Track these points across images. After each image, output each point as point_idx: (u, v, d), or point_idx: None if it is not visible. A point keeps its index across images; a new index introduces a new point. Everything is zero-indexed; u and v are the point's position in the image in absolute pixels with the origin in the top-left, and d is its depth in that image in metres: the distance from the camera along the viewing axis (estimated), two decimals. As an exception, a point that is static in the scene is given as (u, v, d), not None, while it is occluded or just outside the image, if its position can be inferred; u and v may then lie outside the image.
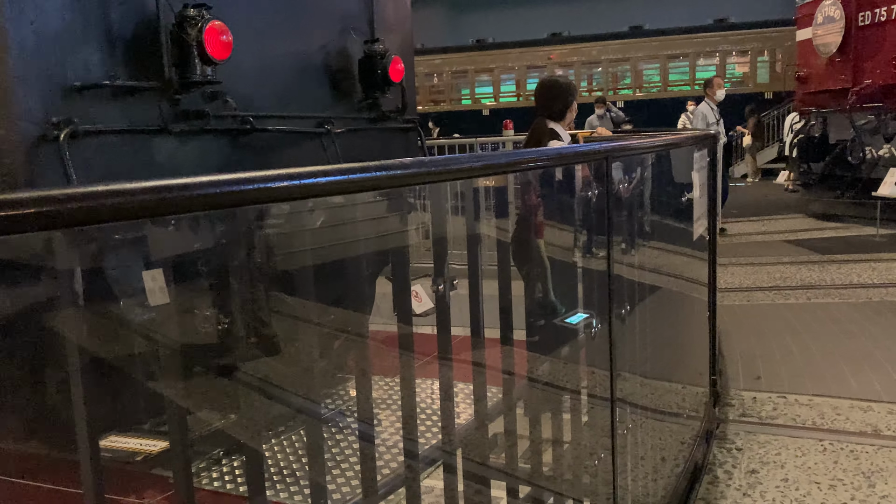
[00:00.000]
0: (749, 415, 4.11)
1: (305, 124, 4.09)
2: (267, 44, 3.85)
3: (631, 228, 2.67)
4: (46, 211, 0.81)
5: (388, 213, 4.32)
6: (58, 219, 0.83)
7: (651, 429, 3.09)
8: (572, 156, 2.07)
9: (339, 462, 3.43)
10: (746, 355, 5.12)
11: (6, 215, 0.80)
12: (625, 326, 2.63)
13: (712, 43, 21.08)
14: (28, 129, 2.73)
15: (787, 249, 9.33)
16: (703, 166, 3.68)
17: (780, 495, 3.18)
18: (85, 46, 2.92)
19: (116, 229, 2.34)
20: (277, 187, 1.08)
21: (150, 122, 3.16)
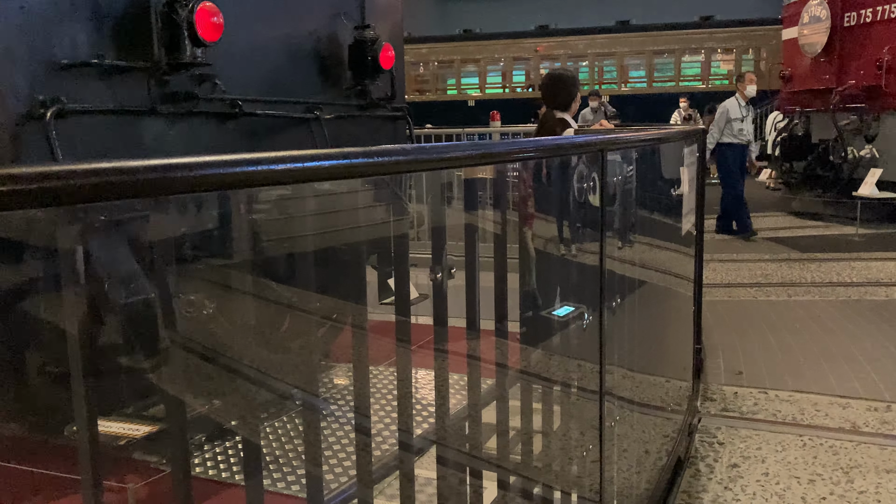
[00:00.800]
0: (731, 409, 4.14)
1: (294, 109, 4.05)
2: (257, 27, 3.80)
3: (623, 223, 2.68)
4: (50, 186, 0.79)
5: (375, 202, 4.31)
6: (61, 195, 0.80)
7: (635, 422, 3.10)
8: (569, 147, 2.06)
9: (326, 450, 3.42)
10: (728, 351, 5.16)
11: (7, 190, 0.78)
12: (613, 319, 2.64)
13: (698, 40, 21.19)
14: (14, 107, 2.68)
15: (768, 247, 9.41)
16: (693, 161, 3.69)
17: (761, 489, 3.22)
18: (73, 24, 2.87)
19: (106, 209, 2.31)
20: (282, 170, 1.06)
21: (138, 103, 3.11)
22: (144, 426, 3.15)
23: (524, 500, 2.35)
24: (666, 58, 21.62)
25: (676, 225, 3.61)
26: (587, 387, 2.58)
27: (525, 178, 2.15)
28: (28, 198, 0.80)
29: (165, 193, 0.93)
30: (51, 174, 0.80)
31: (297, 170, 1.11)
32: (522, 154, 1.76)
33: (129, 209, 2.85)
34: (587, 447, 2.57)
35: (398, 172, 1.47)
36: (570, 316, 2.52)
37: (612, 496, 2.72)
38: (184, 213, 3.15)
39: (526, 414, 2.26)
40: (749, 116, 9.77)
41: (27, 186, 0.78)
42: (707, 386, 4.47)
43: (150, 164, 0.90)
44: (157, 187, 0.91)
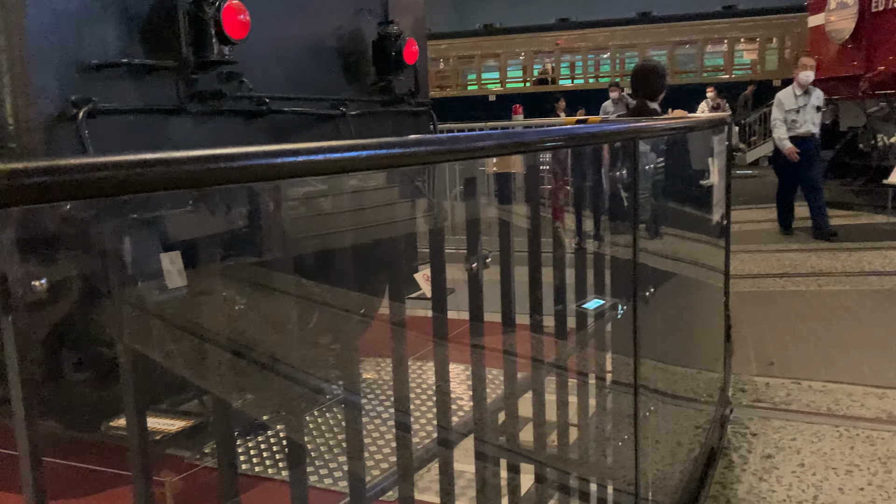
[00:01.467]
0: (763, 400, 4.10)
1: (319, 106, 4.07)
2: (282, 24, 3.82)
3: (653, 213, 2.65)
4: (98, 177, 0.80)
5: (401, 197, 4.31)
6: (108, 186, 0.81)
7: (668, 413, 3.08)
8: (602, 135, 2.04)
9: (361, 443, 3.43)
10: (758, 341, 5.10)
11: (56, 181, 0.79)
12: (645, 311, 2.62)
13: (720, 30, 20.95)
14: (46, 108, 2.71)
15: (796, 237, 9.30)
16: (722, 151, 3.65)
17: (797, 480, 3.18)
18: (102, 25, 2.90)
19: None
20: (322, 160, 1.06)
21: (167, 102, 3.14)
22: (179, 421, 3.18)
23: (559, 491, 2.34)
24: (688, 48, 21.41)
25: (705, 215, 3.58)
26: (620, 379, 2.56)
27: (556, 168, 2.14)
28: (76, 189, 0.81)
29: (209, 184, 0.93)
30: (98, 165, 0.81)
31: (335, 160, 1.12)
32: (555, 142, 1.75)
33: (161, 206, 2.88)
34: (621, 439, 2.56)
35: (433, 162, 1.47)
36: (602, 308, 2.50)
37: (647, 487, 2.71)
38: (215, 210, 3.18)
39: (560, 406, 2.25)
40: (810, 105, 8.83)
41: (76, 177, 0.79)
42: (738, 377, 4.43)
43: (193, 154, 0.91)
44: (200, 178, 0.92)
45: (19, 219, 0.90)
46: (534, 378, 2.11)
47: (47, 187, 0.76)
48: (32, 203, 0.77)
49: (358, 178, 3.31)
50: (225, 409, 1.48)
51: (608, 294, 2.49)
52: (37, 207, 0.78)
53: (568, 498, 2.32)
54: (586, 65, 22.36)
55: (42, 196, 0.76)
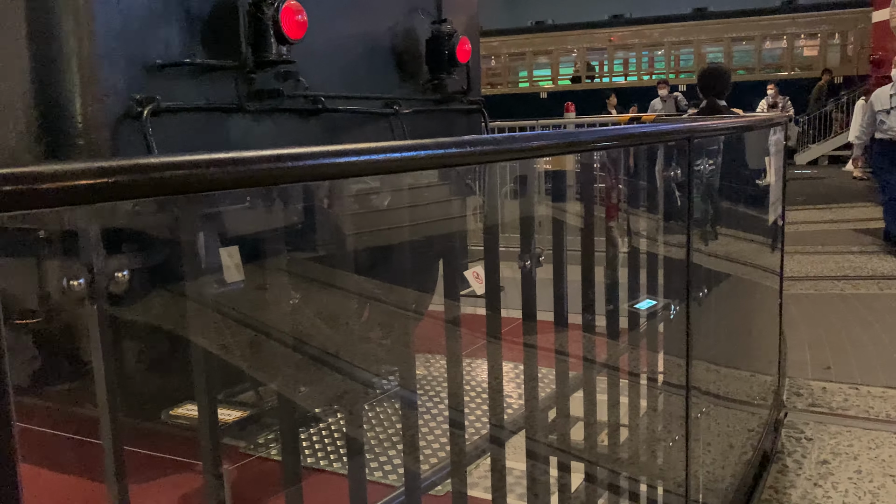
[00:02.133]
0: (819, 405, 4.02)
1: (373, 105, 4.12)
2: (337, 24, 3.88)
3: (706, 213, 2.63)
4: (175, 175, 0.84)
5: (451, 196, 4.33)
6: (186, 184, 0.85)
7: (720, 415, 3.05)
8: (656, 134, 2.04)
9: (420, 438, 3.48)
10: (815, 345, 5.00)
11: (133, 180, 0.83)
12: (698, 312, 2.60)
13: (779, 25, 20.45)
14: (113, 106, 2.81)
15: (855, 238, 9.05)
16: (779, 150, 3.59)
17: (854, 487, 3.12)
18: (166, 26, 2.99)
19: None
20: (383, 160, 1.09)
21: (227, 101, 3.22)
22: (235, 411, 3.27)
23: (608, 490, 2.34)
24: (745, 45, 20.97)
25: (761, 215, 3.52)
26: (672, 379, 2.55)
27: (610, 167, 2.14)
28: (153, 187, 0.85)
29: (277, 183, 0.97)
30: (177, 164, 0.85)
31: (396, 160, 1.15)
32: (609, 142, 1.76)
33: (223, 203, 2.96)
34: (672, 439, 2.54)
35: (489, 161, 1.49)
36: (654, 309, 2.49)
37: (697, 489, 2.69)
38: (271, 207, 3.25)
39: (612, 405, 2.25)
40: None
41: (156, 175, 0.84)
42: (794, 381, 4.34)
43: (262, 154, 0.95)
44: (269, 177, 0.95)
45: (99, 214, 0.95)
46: (585, 377, 2.12)
47: (130, 185, 0.81)
48: (114, 199, 0.82)
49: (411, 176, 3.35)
50: (289, 400, 1.52)
51: (661, 294, 2.47)
52: (117, 204, 0.83)
53: (617, 497, 2.32)
54: (640, 62, 22.08)
55: (125, 193, 0.81)
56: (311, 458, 3.40)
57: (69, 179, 0.79)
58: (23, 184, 0.71)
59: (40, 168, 0.73)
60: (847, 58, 19.56)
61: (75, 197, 0.79)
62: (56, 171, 0.77)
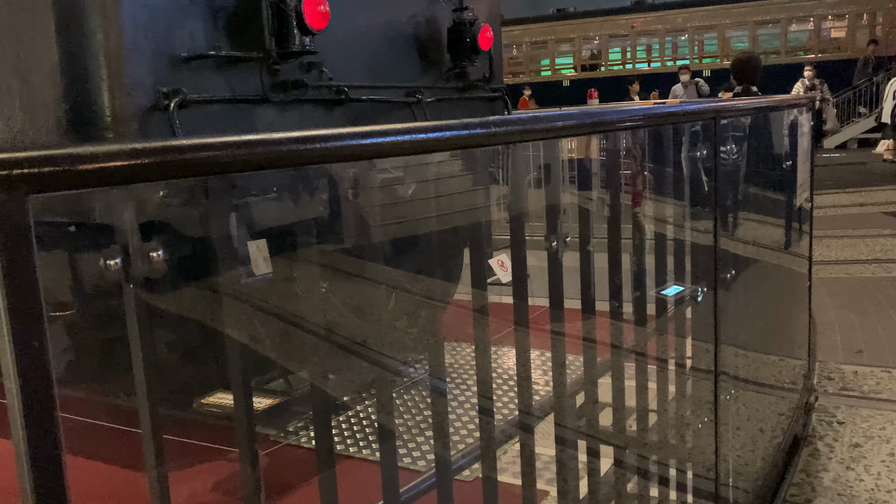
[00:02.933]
0: (850, 388, 3.97)
1: (396, 94, 4.13)
2: (359, 14, 3.89)
3: (735, 196, 2.61)
4: (207, 156, 0.86)
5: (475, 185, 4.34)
6: (216, 164, 0.87)
7: (750, 399, 3.03)
8: (682, 114, 2.02)
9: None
10: (846, 329, 4.94)
11: (169, 160, 0.85)
12: (727, 296, 2.58)
13: (806, 7, 20.10)
14: (140, 99, 2.85)
15: (887, 221, 8.91)
16: (807, 132, 3.54)
17: (886, 469, 3.08)
18: (191, 19, 3.02)
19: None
20: (408, 140, 1.10)
21: (252, 92, 3.25)
22: (265, 399, 3.31)
23: (638, 475, 2.34)
24: (771, 28, 20.65)
25: (789, 198, 3.48)
26: (701, 365, 2.54)
27: (635, 150, 2.13)
28: (185, 167, 0.87)
29: (306, 163, 0.98)
30: (207, 145, 0.87)
31: (420, 140, 1.15)
32: (634, 122, 1.75)
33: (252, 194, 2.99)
34: (701, 424, 2.53)
35: (513, 142, 1.49)
36: (683, 294, 2.48)
37: (728, 473, 2.67)
38: (297, 197, 3.28)
39: (640, 390, 2.25)
40: None
41: (187, 156, 0.85)
42: (824, 364, 4.30)
43: (291, 136, 0.96)
44: (298, 157, 0.97)
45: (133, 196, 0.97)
46: (613, 362, 2.12)
47: (162, 165, 0.82)
48: (148, 180, 0.83)
49: (434, 165, 3.35)
50: (321, 387, 1.54)
51: (689, 279, 2.46)
52: (150, 185, 0.85)
53: (647, 481, 2.32)
54: (663, 48, 21.85)
55: (157, 173, 0.82)
56: (340, 444, 3.43)
57: (105, 161, 0.80)
58: (61, 165, 0.72)
59: (78, 150, 0.75)
60: (876, 38, 19.18)
61: (112, 177, 0.81)
62: (93, 153, 0.79)
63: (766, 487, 2.94)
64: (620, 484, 2.21)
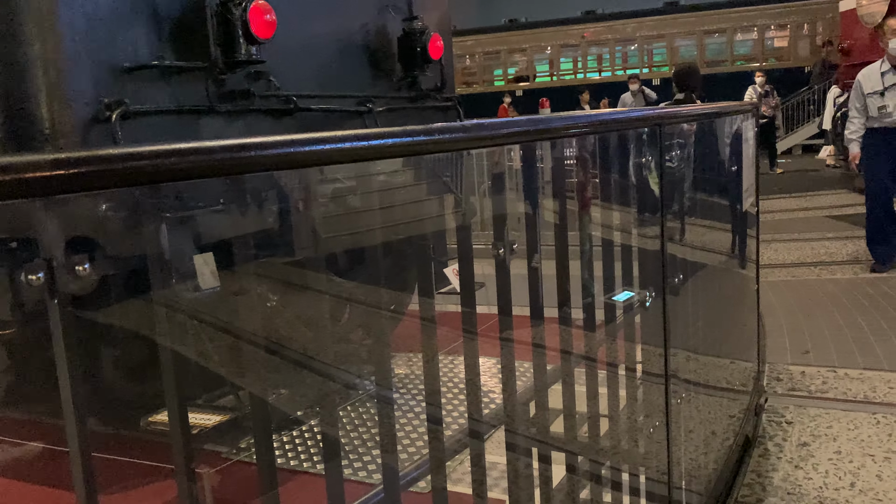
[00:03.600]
0: (798, 389, 4.06)
1: (347, 103, 4.11)
2: (308, 23, 3.86)
3: (681, 202, 2.64)
4: (135, 166, 0.83)
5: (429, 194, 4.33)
6: (145, 174, 0.84)
7: (701, 403, 3.06)
8: (627, 121, 2.04)
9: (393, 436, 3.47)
10: (793, 330, 5.04)
11: (95, 170, 0.82)
12: (676, 302, 2.61)
13: (750, 17, 20.65)
14: (81, 111, 2.78)
15: (831, 225, 9.16)
16: (750, 137, 3.61)
17: (833, 467, 3.15)
18: (133, 28, 2.96)
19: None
20: (348, 148, 1.08)
21: (197, 102, 3.19)
22: (216, 416, 3.24)
23: (591, 481, 2.35)
24: (717, 37, 21.14)
25: (735, 203, 3.54)
26: (652, 369, 2.56)
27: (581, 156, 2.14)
28: (114, 178, 0.84)
29: (240, 172, 0.96)
30: (135, 155, 0.84)
31: (362, 148, 1.14)
32: (580, 128, 1.76)
33: (193, 206, 2.93)
34: (653, 429, 2.55)
35: (458, 149, 1.48)
36: (632, 300, 2.50)
37: (680, 476, 2.70)
38: (244, 208, 3.23)
39: (591, 397, 2.25)
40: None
41: (114, 167, 0.82)
42: (773, 366, 4.38)
43: (225, 144, 0.93)
44: (232, 166, 0.94)
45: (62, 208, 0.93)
46: (564, 369, 2.12)
47: (88, 175, 0.79)
48: (73, 191, 0.80)
49: (386, 175, 3.33)
50: (262, 404, 1.51)
51: (637, 285, 2.48)
52: (77, 196, 0.81)
53: (601, 487, 2.33)
54: (613, 57, 22.19)
55: (83, 184, 0.79)
56: (293, 460, 3.37)
57: (25, 172, 0.77)
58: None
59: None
60: (816, 47, 19.78)
61: (32, 189, 0.78)
62: (10, 164, 0.76)
63: (718, 489, 2.97)
64: (574, 491, 2.22)
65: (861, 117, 6.50)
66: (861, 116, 6.50)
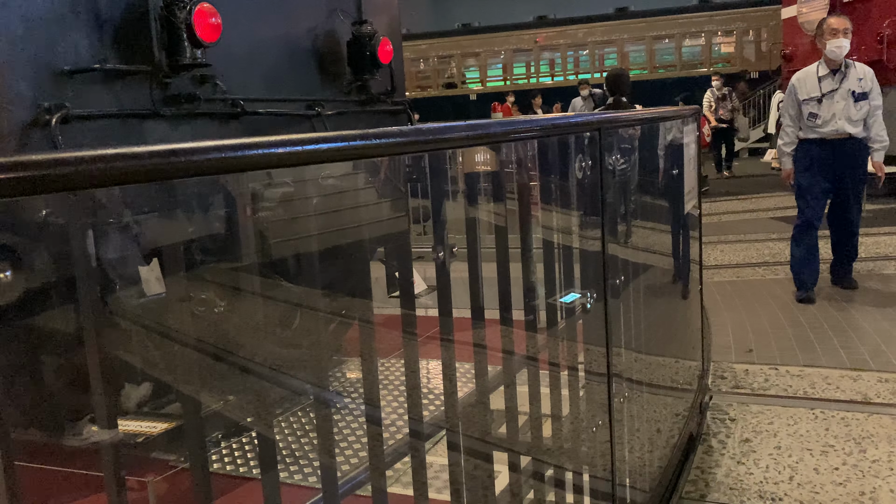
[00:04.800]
0: (742, 386, 4.16)
1: (295, 107, 4.09)
2: (255, 26, 3.84)
3: (623, 205, 2.70)
4: (61, 173, 0.83)
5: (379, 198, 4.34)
6: (72, 180, 0.84)
7: (646, 402, 3.13)
8: (566, 126, 2.08)
9: (340, 440, 3.46)
10: (737, 330, 5.17)
11: (16, 177, 0.81)
12: (618, 303, 2.66)
13: (698, 23, 21.12)
14: (19, 115, 2.72)
15: (775, 226, 9.40)
16: (692, 140, 3.70)
17: (773, 462, 3.24)
18: (73, 30, 2.91)
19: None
20: (282, 153, 1.09)
21: (141, 106, 3.15)
22: (161, 423, 3.20)
23: (537, 482, 2.38)
24: (667, 43, 21.56)
25: (677, 206, 3.63)
26: (595, 370, 2.60)
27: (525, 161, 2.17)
28: (40, 184, 0.83)
29: (169, 178, 0.96)
30: (62, 160, 0.84)
31: (296, 153, 1.15)
32: (522, 133, 1.79)
33: (137, 211, 2.89)
34: (598, 429, 2.60)
35: (396, 154, 1.50)
36: (576, 302, 2.54)
37: (625, 474, 2.75)
38: (189, 213, 3.20)
39: (535, 399, 2.29)
40: (843, 88, 5.70)
41: (39, 172, 0.82)
42: (718, 364, 4.49)
43: (154, 149, 0.94)
44: (161, 172, 0.94)
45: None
46: (506, 371, 2.15)
47: (14, 182, 0.79)
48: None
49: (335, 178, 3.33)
50: (196, 411, 1.50)
51: (581, 286, 2.52)
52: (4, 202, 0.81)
53: (544, 486, 2.36)
54: (565, 62, 22.46)
55: (9, 190, 0.79)
56: (243, 466, 3.35)
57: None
58: None
59: None
60: (761, 53, 20.32)
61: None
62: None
63: (662, 486, 3.03)
64: (518, 491, 2.24)
65: (795, 126, 5.87)
66: (795, 125, 5.87)
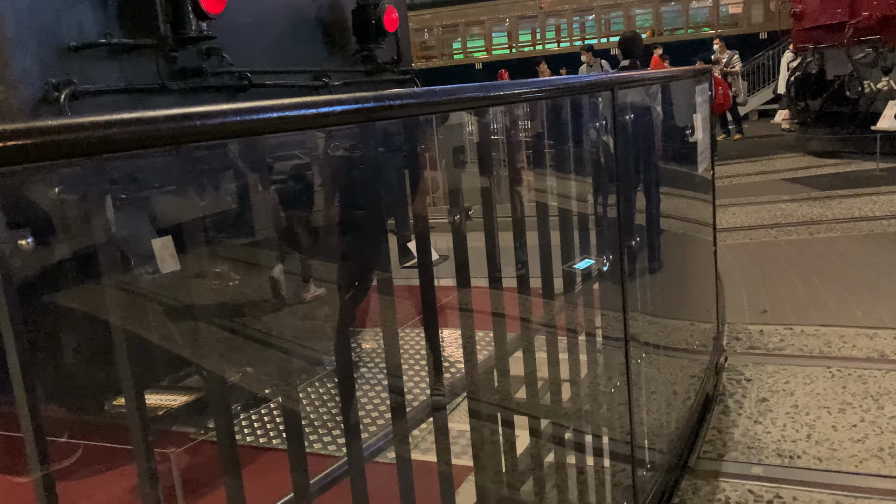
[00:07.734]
0: (757, 347, 4.16)
1: (302, 78, 4.06)
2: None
3: (637, 167, 2.67)
4: (77, 138, 0.82)
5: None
6: (87, 146, 0.83)
7: (664, 364, 3.13)
8: (580, 86, 2.05)
9: (360, 408, 3.49)
10: (752, 291, 5.15)
11: (34, 143, 0.81)
12: (635, 266, 2.65)
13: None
14: (28, 92, 2.71)
15: (786, 188, 9.33)
16: (704, 102, 3.66)
17: (791, 420, 3.24)
18: (79, 6, 2.89)
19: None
20: (298, 115, 1.08)
21: (148, 80, 3.13)
22: (181, 397, 3.22)
23: (556, 445, 2.39)
24: (673, 5, 21.23)
25: (691, 168, 3.59)
26: (613, 333, 2.60)
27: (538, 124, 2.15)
28: (57, 149, 0.83)
29: (186, 142, 0.95)
30: (79, 126, 0.83)
31: (312, 115, 1.13)
32: (534, 94, 1.77)
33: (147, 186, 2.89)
34: (614, 389, 2.60)
35: (409, 116, 1.48)
36: (592, 267, 2.53)
37: (643, 436, 2.76)
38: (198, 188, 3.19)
39: (554, 364, 2.29)
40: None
41: (57, 137, 0.81)
42: (732, 326, 4.48)
43: (169, 113, 0.93)
44: (177, 136, 0.94)
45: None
46: (524, 336, 2.15)
47: (29, 148, 0.78)
48: (13, 164, 0.79)
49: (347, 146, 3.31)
50: (222, 383, 1.50)
51: (597, 251, 2.51)
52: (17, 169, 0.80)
53: (565, 450, 2.37)
54: (571, 28, 22.18)
55: (24, 157, 0.78)
56: (263, 437, 3.38)
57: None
58: None
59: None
60: (770, 14, 19.98)
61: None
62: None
63: (680, 446, 3.04)
64: (539, 455, 2.25)
65: None
66: None
